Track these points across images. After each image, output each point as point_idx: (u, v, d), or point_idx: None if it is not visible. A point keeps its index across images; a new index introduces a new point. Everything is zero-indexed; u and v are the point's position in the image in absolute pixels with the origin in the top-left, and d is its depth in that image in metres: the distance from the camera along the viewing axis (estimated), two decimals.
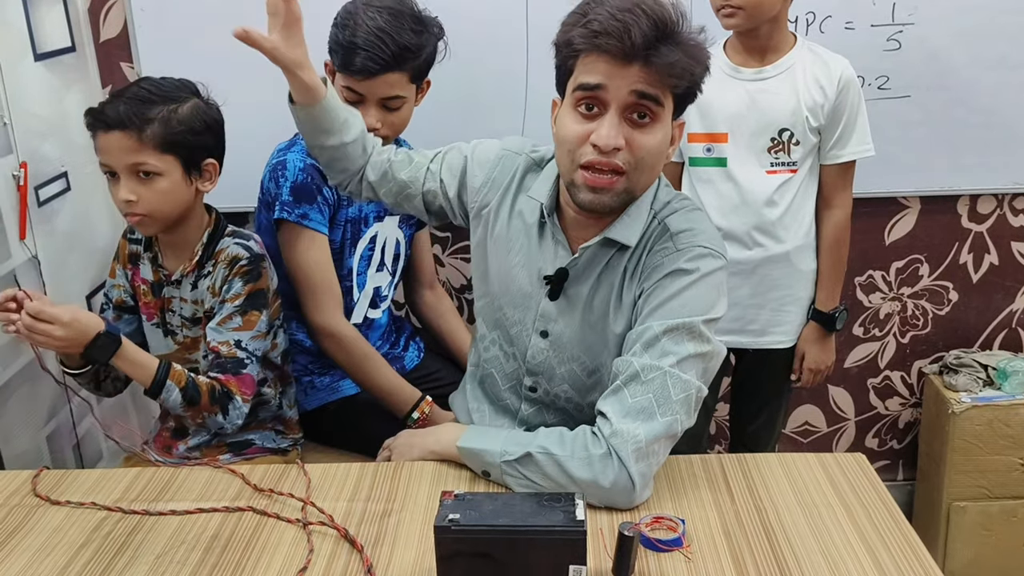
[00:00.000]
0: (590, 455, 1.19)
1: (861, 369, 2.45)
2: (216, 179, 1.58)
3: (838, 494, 1.24)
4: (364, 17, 1.62)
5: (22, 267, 1.74)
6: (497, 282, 1.43)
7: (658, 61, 1.16)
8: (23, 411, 1.74)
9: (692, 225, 1.30)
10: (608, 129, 1.19)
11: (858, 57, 1.80)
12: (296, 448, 1.77)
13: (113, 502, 1.26)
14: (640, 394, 1.20)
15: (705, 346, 1.24)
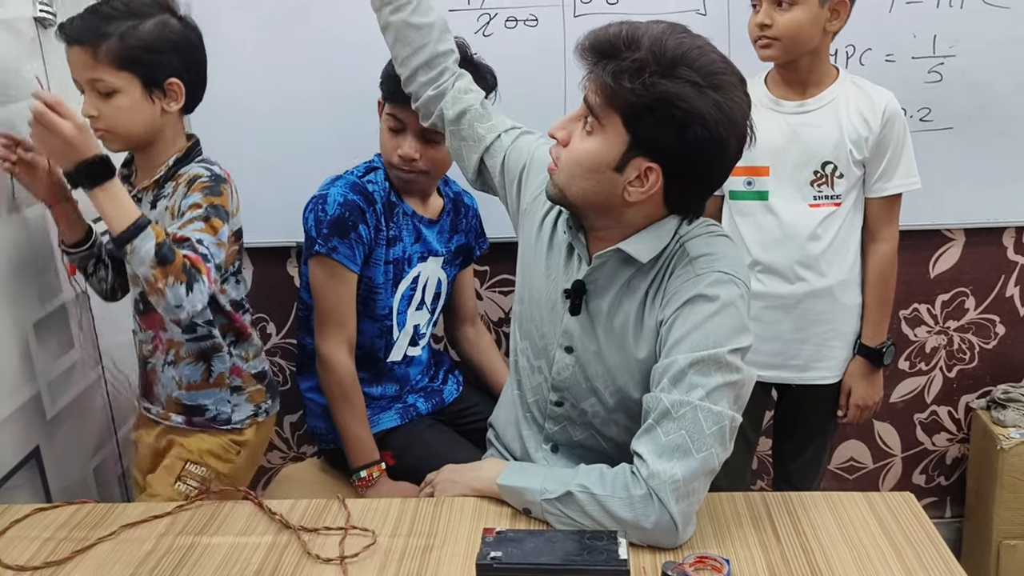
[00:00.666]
0: (631, 496, 1.18)
1: (907, 404, 2.40)
2: (182, 99, 1.51)
3: (886, 534, 1.21)
4: None
5: (71, 303, 1.78)
6: (528, 292, 1.46)
7: (596, 73, 1.20)
8: (72, 444, 1.77)
9: (712, 250, 1.29)
10: (560, 121, 1.28)
11: (899, 89, 1.79)
12: (255, 421, 1.67)
13: (158, 536, 1.27)
14: (673, 431, 1.18)
15: (734, 375, 1.21)
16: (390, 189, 1.82)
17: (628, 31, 1.18)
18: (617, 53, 1.17)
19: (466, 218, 1.97)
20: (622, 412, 1.39)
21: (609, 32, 1.19)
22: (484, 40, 2.05)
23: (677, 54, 1.16)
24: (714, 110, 1.16)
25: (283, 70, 2.07)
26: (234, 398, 1.66)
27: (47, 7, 1.69)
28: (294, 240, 2.25)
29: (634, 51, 1.16)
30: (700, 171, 1.24)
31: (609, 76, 1.17)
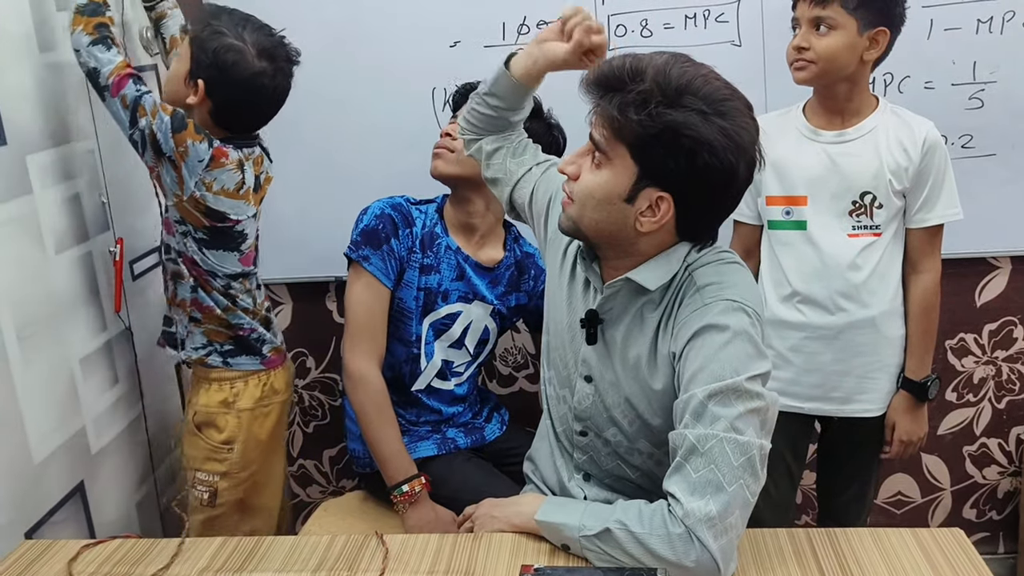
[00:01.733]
0: (670, 534, 1.16)
1: (956, 436, 2.35)
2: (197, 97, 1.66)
3: (935, 571, 1.18)
4: None
5: (116, 338, 1.81)
6: (553, 322, 1.47)
7: (600, 107, 1.21)
8: (115, 479, 1.80)
9: (721, 278, 1.28)
10: (569, 155, 1.29)
11: (940, 116, 1.77)
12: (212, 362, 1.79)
13: (199, 572, 1.28)
14: (702, 467, 1.16)
15: (756, 402, 1.19)
16: (438, 220, 1.84)
17: (631, 63, 1.19)
18: (622, 85, 1.18)
19: (533, 280, 1.95)
20: (644, 439, 1.38)
21: (613, 65, 1.20)
22: None
23: (681, 83, 1.16)
24: (721, 137, 1.17)
25: (327, 106, 2.11)
26: (190, 326, 1.79)
27: None
28: (333, 275, 2.28)
29: (638, 83, 1.17)
30: (711, 198, 1.24)
31: (615, 109, 1.18)
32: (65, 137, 1.67)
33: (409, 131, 2.09)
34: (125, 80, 1.60)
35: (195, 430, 1.80)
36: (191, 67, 1.66)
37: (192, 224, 1.70)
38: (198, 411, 1.80)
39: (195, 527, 1.81)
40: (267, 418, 1.84)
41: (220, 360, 1.80)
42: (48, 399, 1.58)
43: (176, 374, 2.07)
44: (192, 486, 1.81)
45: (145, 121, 1.61)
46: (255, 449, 1.83)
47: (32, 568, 1.32)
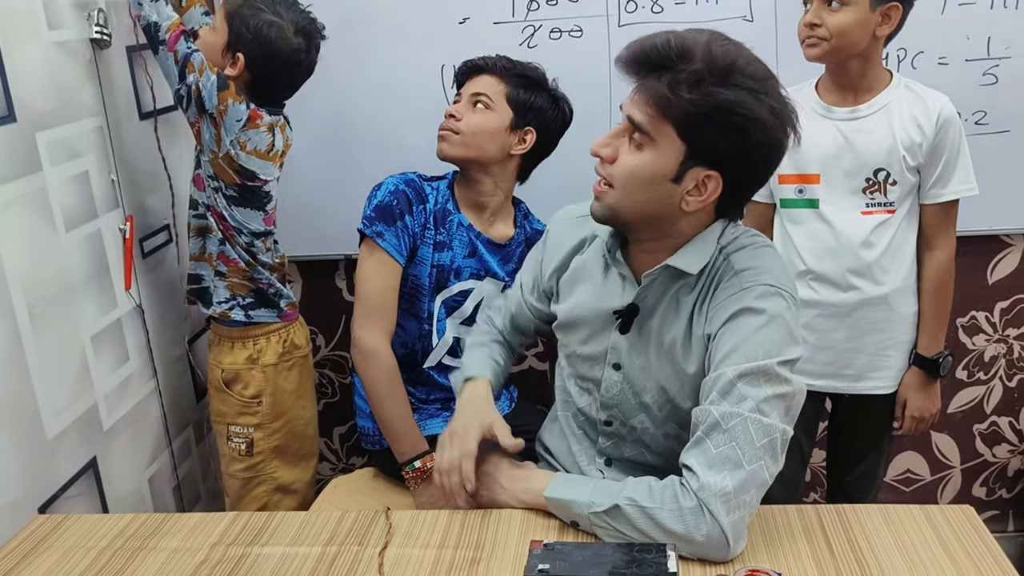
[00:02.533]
0: (681, 508, 1.17)
1: (966, 414, 2.34)
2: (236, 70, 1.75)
3: (945, 549, 1.18)
4: None
5: (127, 316, 1.82)
6: (568, 323, 1.46)
7: (643, 86, 1.20)
8: (127, 454, 1.81)
9: (758, 262, 1.28)
10: (604, 137, 1.26)
11: (954, 92, 1.75)
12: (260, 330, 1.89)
13: (211, 546, 1.29)
14: (723, 443, 1.17)
15: (784, 387, 1.20)
16: (450, 197, 1.83)
17: (677, 41, 1.17)
18: (670, 64, 1.17)
19: None
20: (673, 423, 1.38)
21: (657, 43, 1.18)
22: (529, 52, 2.06)
23: (728, 62, 1.16)
24: (771, 115, 1.17)
25: (336, 83, 2.10)
26: (216, 280, 1.87)
27: (103, 28, 1.74)
28: (342, 253, 2.28)
29: (688, 62, 1.16)
30: (756, 175, 1.25)
31: (665, 87, 1.16)
32: (74, 115, 1.67)
33: (419, 108, 2.09)
34: (179, 36, 1.70)
35: (224, 387, 1.89)
36: (229, 40, 1.74)
37: (224, 181, 1.79)
38: (225, 369, 1.89)
39: (237, 477, 1.94)
40: (291, 371, 1.94)
41: (242, 314, 1.88)
42: (60, 376, 1.59)
43: (187, 350, 2.08)
44: (228, 439, 1.91)
45: (193, 77, 1.69)
46: (284, 400, 1.93)
47: (45, 542, 1.34)
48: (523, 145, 1.79)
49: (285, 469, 1.96)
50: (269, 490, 1.95)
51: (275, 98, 1.83)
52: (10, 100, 1.48)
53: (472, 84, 1.80)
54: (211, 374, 1.93)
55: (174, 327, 2.02)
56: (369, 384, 1.78)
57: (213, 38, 1.75)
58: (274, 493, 1.96)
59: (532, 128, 1.79)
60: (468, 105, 1.78)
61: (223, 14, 1.74)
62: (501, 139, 1.77)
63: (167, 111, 1.97)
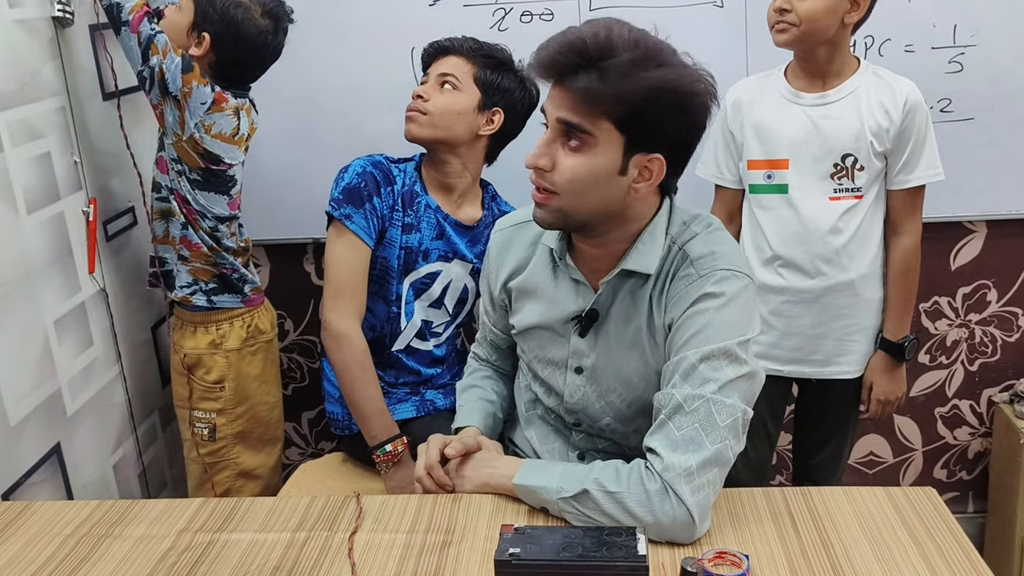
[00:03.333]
0: (647, 491, 1.17)
1: (928, 398, 2.38)
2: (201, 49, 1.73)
3: (908, 529, 1.20)
4: None
5: (91, 300, 1.79)
6: (525, 333, 1.45)
7: (572, 87, 1.18)
8: (92, 440, 1.79)
9: (712, 248, 1.29)
10: (536, 148, 1.23)
11: (919, 80, 1.77)
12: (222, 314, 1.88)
13: (178, 532, 1.28)
14: (686, 425, 1.18)
15: (744, 367, 1.22)
16: (417, 179, 1.82)
17: (593, 37, 1.16)
18: (593, 60, 1.15)
19: None
20: (642, 419, 1.38)
21: (573, 42, 1.16)
22: (499, 35, 2.05)
23: (647, 45, 1.17)
24: (697, 84, 1.19)
25: (304, 65, 2.08)
26: (179, 264, 1.85)
27: (65, 6, 1.70)
28: (310, 237, 2.26)
29: (610, 53, 1.15)
30: (693, 145, 1.26)
31: (597, 82, 1.16)
32: (36, 94, 1.64)
33: (388, 91, 2.07)
34: (142, 18, 1.68)
35: (186, 372, 1.88)
36: (195, 19, 1.72)
37: (188, 164, 1.77)
38: (187, 354, 1.87)
39: (199, 462, 1.93)
40: (255, 356, 1.93)
41: (204, 299, 1.86)
42: (22, 361, 1.57)
43: (151, 335, 2.05)
44: (190, 424, 1.90)
45: (156, 60, 1.68)
46: (247, 385, 1.92)
47: (10, 529, 1.32)
48: (491, 126, 1.79)
49: (248, 454, 1.95)
50: (232, 475, 1.94)
51: (241, 81, 1.80)
52: None
53: (439, 65, 1.79)
54: (173, 358, 1.91)
55: (139, 311, 2.00)
56: (340, 368, 1.77)
57: (178, 17, 1.73)
58: (237, 479, 1.95)
59: (500, 109, 1.78)
60: (435, 86, 1.77)
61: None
62: (469, 119, 1.77)
63: (131, 91, 1.94)
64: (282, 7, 1.77)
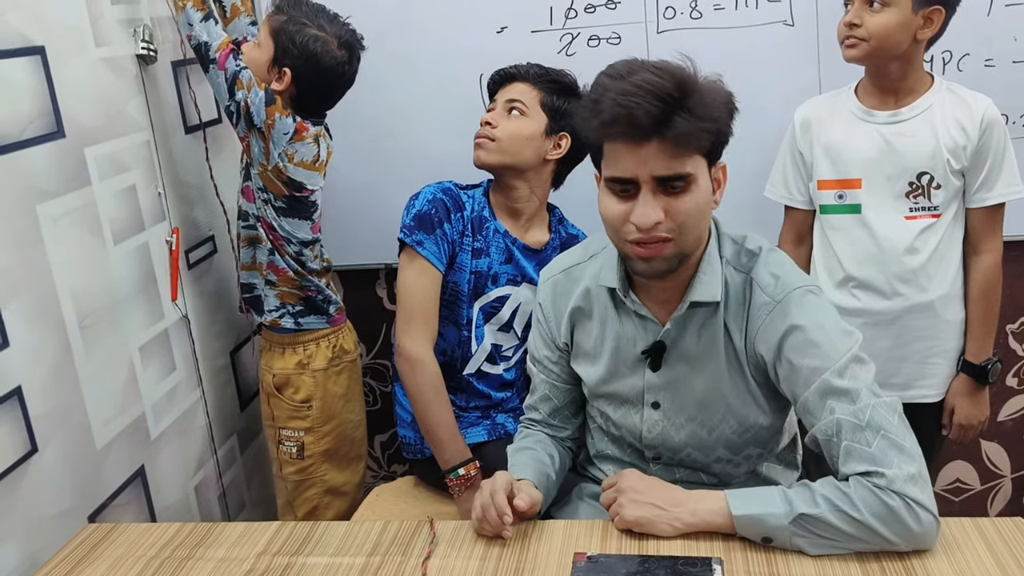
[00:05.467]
0: (889, 508, 1.15)
1: (1016, 423, 2.29)
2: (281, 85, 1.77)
3: (997, 562, 1.16)
4: None
5: (174, 327, 1.85)
6: (599, 370, 1.43)
7: (672, 134, 1.17)
8: (174, 463, 1.84)
9: (775, 271, 1.31)
10: (643, 208, 1.21)
11: (1001, 95, 1.72)
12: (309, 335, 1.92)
13: (257, 555, 1.31)
14: (874, 438, 1.18)
15: (870, 363, 1.25)
16: (486, 204, 1.84)
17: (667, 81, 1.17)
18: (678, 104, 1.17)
19: None
20: (724, 448, 1.39)
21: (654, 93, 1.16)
22: (567, 60, 2.06)
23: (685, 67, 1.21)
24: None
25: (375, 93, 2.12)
26: (267, 289, 1.90)
27: (148, 44, 1.77)
28: (383, 262, 2.29)
29: (691, 89, 1.18)
30: None
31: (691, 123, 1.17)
32: (121, 130, 1.70)
33: (457, 117, 2.10)
34: (228, 55, 1.74)
35: (275, 392, 1.92)
36: (275, 55, 1.76)
37: (273, 192, 1.83)
38: (276, 374, 1.93)
39: (288, 480, 1.97)
40: (340, 376, 1.97)
41: (292, 322, 1.92)
42: (109, 386, 1.62)
43: (230, 360, 2.11)
44: (279, 443, 1.95)
45: (242, 94, 1.74)
46: (333, 404, 1.97)
47: (96, 551, 1.36)
48: (558, 150, 1.80)
49: (335, 472, 1.99)
50: (320, 492, 1.98)
51: (319, 109, 1.86)
52: (59, 116, 1.51)
53: (506, 91, 1.81)
54: (262, 379, 1.96)
55: (219, 337, 2.05)
56: (414, 392, 1.79)
57: (258, 54, 1.78)
58: (324, 495, 1.99)
59: (566, 133, 1.79)
60: (503, 112, 1.79)
61: (268, 30, 1.77)
62: (536, 144, 1.78)
63: (212, 124, 2.00)
64: (355, 36, 1.82)
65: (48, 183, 1.48)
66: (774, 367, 1.29)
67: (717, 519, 1.23)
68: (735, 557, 1.20)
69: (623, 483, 1.30)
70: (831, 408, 1.21)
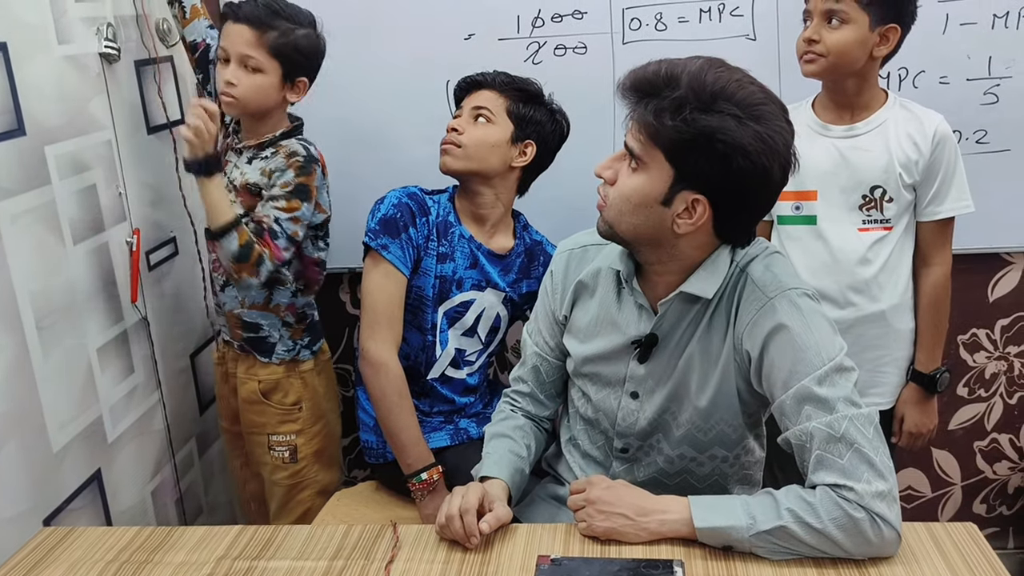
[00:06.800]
0: (853, 519, 1.17)
1: (966, 432, 2.35)
2: (303, 95, 1.82)
3: (949, 566, 1.19)
4: None
5: (133, 328, 1.83)
6: (588, 352, 1.46)
7: (636, 113, 1.23)
8: (131, 467, 1.81)
9: (773, 270, 1.33)
10: (605, 160, 1.31)
11: (954, 112, 1.76)
12: (303, 356, 1.93)
13: (217, 559, 1.29)
14: (846, 451, 1.19)
15: (853, 373, 1.25)
16: (451, 210, 1.85)
17: (667, 69, 1.20)
18: (657, 91, 1.20)
19: (543, 267, 1.95)
20: (688, 445, 1.41)
21: (648, 71, 1.22)
22: (533, 68, 2.07)
23: (716, 88, 1.18)
24: (756, 141, 1.18)
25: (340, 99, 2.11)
26: (282, 331, 1.90)
27: (111, 43, 1.75)
28: (346, 267, 2.28)
29: (673, 89, 1.19)
30: (746, 200, 1.26)
31: (651, 115, 1.20)
32: (82, 128, 1.68)
33: (423, 123, 2.10)
34: (281, 252, 1.76)
35: (262, 398, 1.91)
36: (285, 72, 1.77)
37: (314, 233, 1.87)
38: (263, 380, 1.91)
39: (282, 485, 1.95)
40: (321, 375, 1.99)
41: (309, 353, 1.94)
42: (66, 389, 1.60)
43: (190, 363, 2.08)
44: (270, 449, 1.93)
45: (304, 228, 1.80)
46: (320, 403, 1.97)
47: (51, 555, 1.34)
48: (524, 158, 1.81)
49: (324, 472, 2.00)
50: (313, 494, 1.98)
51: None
52: (20, 113, 1.49)
53: (472, 99, 1.82)
54: (244, 386, 1.92)
55: (179, 339, 2.03)
56: (377, 396, 1.79)
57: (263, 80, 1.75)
58: (317, 497, 1.98)
59: (532, 141, 1.80)
60: (469, 119, 1.80)
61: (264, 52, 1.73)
62: (502, 151, 1.79)
63: (174, 124, 1.98)
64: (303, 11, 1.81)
65: (7, 181, 1.46)
66: (758, 364, 1.30)
67: (682, 528, 1.25)
68: (695, 560, 1.22)
69: (591, 493, 1.32)
70: (807, 414, 1.22)
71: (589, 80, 2.07)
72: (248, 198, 1.79)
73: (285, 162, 1.76)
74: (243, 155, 1.83)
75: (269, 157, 1.79)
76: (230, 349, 1.96)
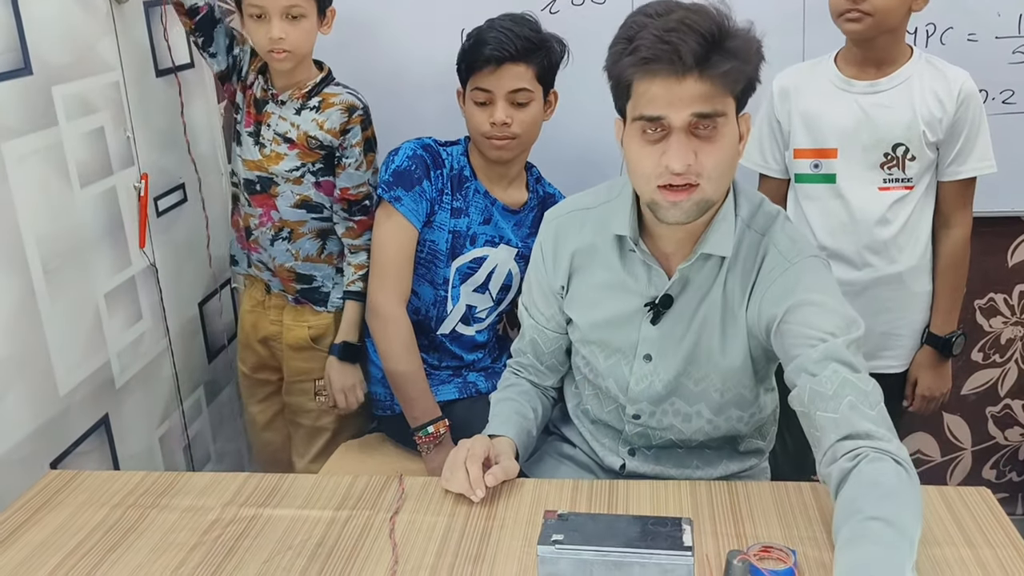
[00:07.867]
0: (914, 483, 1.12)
1: (979, 397, 2.33)
2: (331, 25, 1.81)
3: (961, 530, 1.17)
4: (488, 25, 1.72)
5: (141, 274, 1.81)
6: (596, 318, 1.42)
7: (712, 72, 1.17)
8: (139, 413, 1.81)
9: (796, 237, 1.33)
10: (677, 150, 1.19)
11: (982, 70, 1.72)
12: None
13: (223, 505, 1.29)
14: (874, 408, 1.16)
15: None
16: (465, 164, 1.82)
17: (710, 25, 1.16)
18: (717, 43, 1.16)
19: None
20: (704, 404, 1.39)
21: (696, 31, 1.15)
22: (551, 18, 2.03)
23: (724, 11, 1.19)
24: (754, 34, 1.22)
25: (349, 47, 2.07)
26: (336, 277, 1.92)
27: None
28: None
29: (730, 31, 1.17)
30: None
31: (732, 62, 1.17)
32: (90, 69, 1.65)
33: (437, 72, 2.05)
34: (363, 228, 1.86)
35: (311, 344, 1.92)
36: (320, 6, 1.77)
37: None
38: (312, 326, 1.92)
39: (327, 429, 1.98)
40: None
41: (359, 299, 1.90)
42: (73, 333, 1.59)
43: (199, 311, 2.08)
44: (316, 395, 1.94)
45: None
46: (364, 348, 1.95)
47: (57, 498, 1.34)
48: (551, 108, 1.78)
49: (361, 416, 2.00)
50: (349, 438, 1.98)
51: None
52: (26, 52, 1.46)
53: (501, 78, 1.69)
54: (291, 334, 1.93)
55: (187, 287, 2.02)
56: (384, 348, 1.77)
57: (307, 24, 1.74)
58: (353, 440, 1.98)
59: (555, 90, 1.77)
60: (509, 106, 1.71)
61: None
62: (541, 119, 1.78)
63: (184, 68, 1.95)
64: None
65: (14, 120, 1.44)
66: (777, 325, 1.26)
67: None
68: (703, 519, 1.21)
69: None
70: (835, 369, 1.17)
71: (607, 31, 2.01)
72: (307, 152, 1.79)
73: (347, 117, 1.79)
74: (286, 105, 1.82)
75: (319, 108, 1.80)
76: (282, 299, 1.94)
